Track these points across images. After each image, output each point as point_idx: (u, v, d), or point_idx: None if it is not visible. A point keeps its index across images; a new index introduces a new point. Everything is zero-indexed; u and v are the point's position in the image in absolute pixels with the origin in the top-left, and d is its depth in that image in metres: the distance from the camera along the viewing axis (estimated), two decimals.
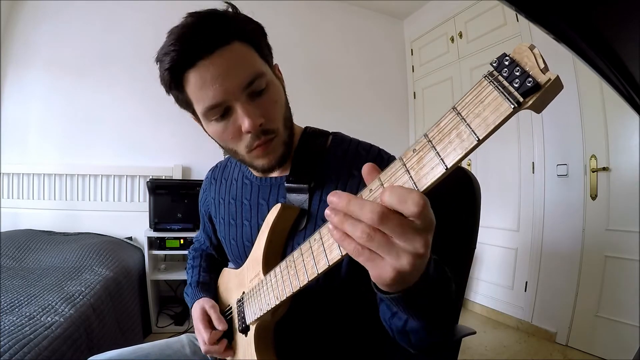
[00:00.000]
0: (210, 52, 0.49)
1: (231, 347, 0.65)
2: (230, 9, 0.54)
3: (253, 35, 0.54)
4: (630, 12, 0.34)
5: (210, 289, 0.75)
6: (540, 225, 2.10)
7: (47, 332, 1.01)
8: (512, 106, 0.24)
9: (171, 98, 0.59)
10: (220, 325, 0.63)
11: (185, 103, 0.56)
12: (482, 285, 2.47)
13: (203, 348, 0.64)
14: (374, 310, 0.56)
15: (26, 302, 1.20)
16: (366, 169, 0.34)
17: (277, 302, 0.49)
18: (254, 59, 0.53)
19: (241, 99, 0.51)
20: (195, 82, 0.50)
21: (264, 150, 0.55)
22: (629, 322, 1.65)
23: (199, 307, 0.67)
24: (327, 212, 0.33)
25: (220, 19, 0.51)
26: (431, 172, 0.28)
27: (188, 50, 0.49)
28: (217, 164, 0.83)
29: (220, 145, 0.60)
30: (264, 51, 0.56)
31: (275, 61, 0.61)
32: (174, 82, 0.52)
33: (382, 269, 0.31)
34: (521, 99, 0.24)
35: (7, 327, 0.99)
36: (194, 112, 0.57)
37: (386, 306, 0.48)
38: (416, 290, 0.35)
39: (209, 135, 0.60)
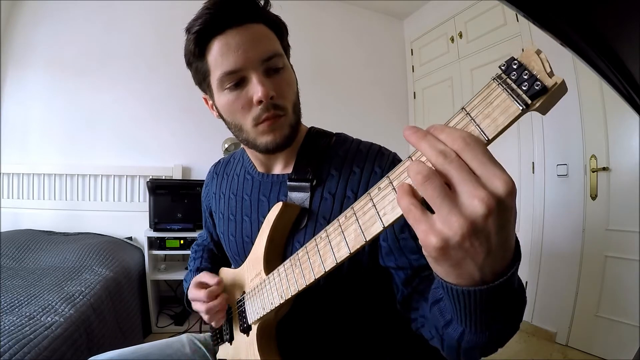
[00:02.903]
0: (240, 24, 0.53)
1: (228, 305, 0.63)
2: (262, 1, 0.57)
3: (279, 27, 0.59)
4: (630, 12, 0.34)
5: None
6: (540, 225, 2.10)
7: (47, 332, 1.01)
8: (521, 108, 0.26)
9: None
10: (213, 280, 0.63)
11: (202, 75, 0.58)
12: None
13: (202, 308, 0.62)
14: (378, 309, 0.56)
15: (26, 302, 1.20)
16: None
17: (282, 301, 0.49)
18: (276, 41, 0.57)
19: (258, 70, 0.54)
20: (219, 49, 0.53)
21: (270, 124, 0.55)
22: (629, 322, 1.65)
23: (193, 280, 0.67)
24: (405, 131, 0.29)
25: (255, 2, 0.55)
26: None
27: (221, 16, 0.52)
28: (220, 160, 0.83)
29: (226, 122, 0.60)
30: (285, 44, 0.60)
31: None
32: (198, 47, 0.54)
33: (426, 231, 0.26)
34: (529, 101, 0.25)
35: (7, 327, 0.99)
36: (208, 86, 0.58)
37: (439, 312, 0.41)
38: (487, 293, 0.28)
39: (217, 111, 0.61)
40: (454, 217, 0.25)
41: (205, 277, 0.65)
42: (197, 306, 0.65)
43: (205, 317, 0.64)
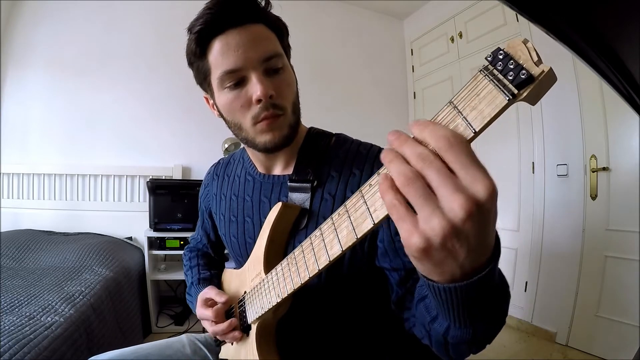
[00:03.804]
0: (240, 24, 0.53)
1: (240, 331, 0.63)
2: (263, 1, 0.57)
3: (279, 27, 0.59)
4: (630, 12, 0.34)
5: (213, 284, 0.74)
6: (540, 225, 2.10)
7: (47, 332, 1.00)
8: (507, 98, 0.25)
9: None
10: (221, 299, 0.63)
11: (203, 74, 0.58)
12: None
13: (210, 330, 0.63)
14: (376, 309, 0.55)
15: (26, 302, 1.20)
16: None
17: (279, 300, 0.49)
18: (276, 42, 0.58)
19: (258, 70, 0.54)
20: (219, 48, 0.54)
21: (269, 124, 0.56)
22: (629, 322, 1.65)
23: (202, 298, 0.67)
24: (382, 153, 0.29)
25: (255, 2, 0.56)
26: None
27: (222, 16, 0.53)
28: (219, 160, 0.83)
29: (226, 121, 0.61)
30: (285, 44, 0.61)
31: None
32: (200, 47, 0.55)
33: (410, 231, 0.26)
34: (516, 91, 0.25)
35: (7, 327, 0.99)
36: (208, 85, 0.59)
37: (425, 308, 0.42)
38: (466, 289, 0.29)
39: (218, 110, 0.61)
40: (436, 219, 0.25)
41: (211, 292, 0.65)
42: (206, 325, 0.65)
43: (217, 337, 0.65)
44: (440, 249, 0.26)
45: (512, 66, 0.25)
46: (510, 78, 0.25)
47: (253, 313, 0.57)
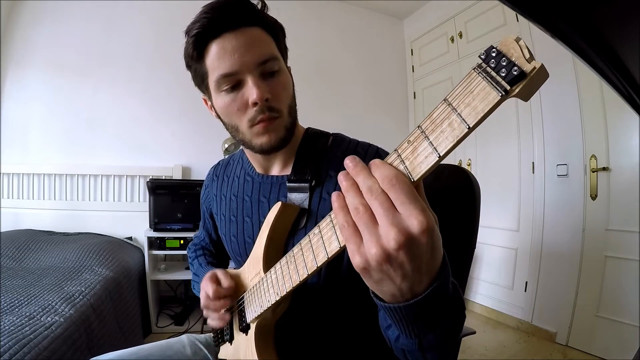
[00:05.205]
0: (236, 27, 0.54)
1: (230, 313, 0.64)
2: (260, 4, 0.58)
3: (276, 29, 0.59)
4: (630, 12, 0.34)
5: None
6: (540, 225, 2.10)
7: (47, 332, 1.01)
8: (500, 94, 0.26)
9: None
10: (225, 282, 0.63)
11: (200, 76, 0.59)
12: (482, 285, 2.47)
13: (203, 303, 0.64)
14: (375, 308, 0.55)
15: (26, 302, 1.20)
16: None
17: (278, 298, 0.49)
18: (272, 45, 0.58)
19: (254, 74, 0.55)
20: (216, 52, 0.54)
21: (265, 126, 0.56)
22: (629, 322, 1.65)
23: (210, 272, 0.67)
24: (339, 177, 0.33)
25: (252, 5, 0.57)
26: (425, 160, 0.30)
27: (217, 20, 0.53)
28: (219, 162, 0.84)
29: (224, 122, 0.62)
30: (282, 46, 0.61)
31: None
32: (197, 50, 0.55)
33: (353, 251, 0.31)
34: (508, 87, 0.26)
35: (7, 327, 0.99)
36: (206, 88, 0.60)
37: (382, 316, 0.45)
38: (405, 309, 0.33)
39: (215, 112, 0.62)
40: (372, 245, 0.29)
41: (221, 274, 0.65)
42: (201, 298, 0.66)
43: (204, 312, 0.66)
44: (377, 271, 0.30)
45: (504, 63, 0.26)
46: (503, 75, 0.26)
47: (252, 312, 0.57)
